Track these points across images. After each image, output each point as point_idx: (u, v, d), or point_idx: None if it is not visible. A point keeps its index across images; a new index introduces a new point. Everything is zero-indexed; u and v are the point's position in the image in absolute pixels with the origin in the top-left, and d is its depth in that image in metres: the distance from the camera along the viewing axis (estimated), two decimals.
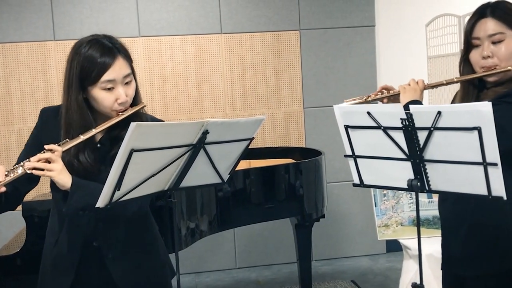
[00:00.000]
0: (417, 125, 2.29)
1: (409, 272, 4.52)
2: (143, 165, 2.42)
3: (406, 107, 2.31)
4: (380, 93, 2.97)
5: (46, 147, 2.50)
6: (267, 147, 6.05)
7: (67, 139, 2.56)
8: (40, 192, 4.49)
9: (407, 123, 2.30)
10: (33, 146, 2.68)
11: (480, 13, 2.67)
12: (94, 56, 2.55)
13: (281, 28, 6.40)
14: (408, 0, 6.65)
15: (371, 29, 6.57)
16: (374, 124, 2.41)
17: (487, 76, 2.67)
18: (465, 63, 2.78)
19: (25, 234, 3.82)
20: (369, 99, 3.00)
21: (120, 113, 2.62)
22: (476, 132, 2.15)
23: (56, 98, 5.89)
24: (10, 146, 5.98)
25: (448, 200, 2.79)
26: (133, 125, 2.24)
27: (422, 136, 2.30)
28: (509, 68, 2.61)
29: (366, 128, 2.46)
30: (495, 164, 2.17)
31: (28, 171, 2.45)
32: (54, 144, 2.52)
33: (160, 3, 6.19)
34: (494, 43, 2.63)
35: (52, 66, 5.95)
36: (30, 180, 2.69)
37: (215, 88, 6.32)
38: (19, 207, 3.64)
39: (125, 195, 2.46)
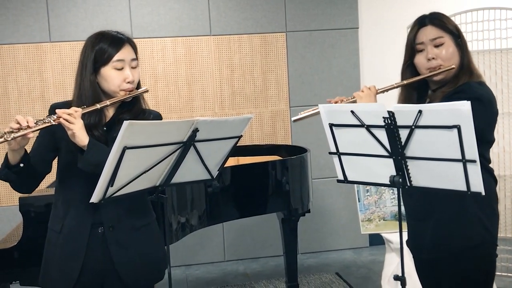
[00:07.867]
0: (399, 123, 2.37)
1: (391, 265, 4.65)
2: (136, 162, 2.52)
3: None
4: (336, 102, 3.08)
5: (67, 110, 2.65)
6: (254, 145, 6.10)
7: (84, 106, 2.72)
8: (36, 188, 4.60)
9: (389, 122, 2.39)
10: (46, 135, 2.83)
11: (420, 23, 2.98)
12: (106, 42, 2.80)
13: (268, 30, 6.48)
14: (390, 3, 6.75)
15: (355, 31, 6.66)
16: (358, 123, 2.49)
17: (433, 76, 2.90)
18: (407, 69, 3.04)
19: (22, 228, 3.85)
20: None
21: (128, 93, 2.81)
22: (455, 130, 2.23)
23: (51, 97, 5.93)
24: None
25: (414, 195, 2.92)
26: (125, 123, 2.36)
27: (403, 134, 2.38)
28: (452, 66, 2.87)
29: (350, 126, 2.54)
30: (474, 161, 2.26)
31: (54, 122, 2.60)
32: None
33: (151, 6, 6.25)
34: (436, 46, 2.91)
35: (48, 66, 5.95)
36: (45, 163, 2.86)
37: (205, 88, 6.39)
38: (16, 202, 3.76)
39: (118, 190, 2.56)
